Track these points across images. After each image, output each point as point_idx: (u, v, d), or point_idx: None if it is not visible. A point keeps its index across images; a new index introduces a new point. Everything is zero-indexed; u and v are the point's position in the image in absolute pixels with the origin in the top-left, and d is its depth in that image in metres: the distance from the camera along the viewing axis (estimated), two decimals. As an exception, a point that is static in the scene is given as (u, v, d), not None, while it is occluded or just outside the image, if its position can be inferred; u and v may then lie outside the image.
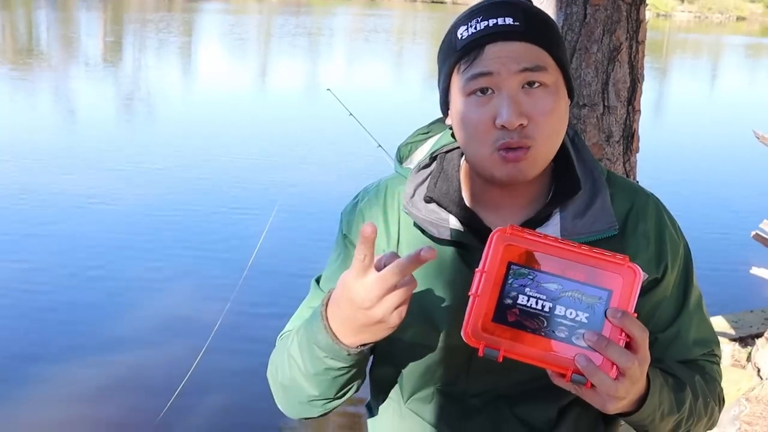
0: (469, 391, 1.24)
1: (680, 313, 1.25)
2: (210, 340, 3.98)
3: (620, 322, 0.93)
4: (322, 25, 33.95)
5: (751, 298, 5.33)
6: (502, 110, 1.11)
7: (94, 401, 4.11)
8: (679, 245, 1.26)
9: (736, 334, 4.51)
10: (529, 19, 1.14)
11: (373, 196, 1.31)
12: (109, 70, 17.39)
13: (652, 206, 1.26)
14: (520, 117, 1.11)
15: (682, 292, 1.26)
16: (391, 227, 1.27)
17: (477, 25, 1.14)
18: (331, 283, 1.28)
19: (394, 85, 17.33)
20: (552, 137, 1.16)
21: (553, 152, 1.18)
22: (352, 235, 1.29)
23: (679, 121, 14.63)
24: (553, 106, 1.14)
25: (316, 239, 6.41)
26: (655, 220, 1.25)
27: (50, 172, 8.22)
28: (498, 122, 1.12)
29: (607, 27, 2.56)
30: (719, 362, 1.31)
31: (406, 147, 1.33)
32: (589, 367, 0.93)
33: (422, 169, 1.27)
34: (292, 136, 11.00)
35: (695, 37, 39.92)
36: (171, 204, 7.46)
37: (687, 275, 1.27)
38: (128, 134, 10.84)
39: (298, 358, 1.18)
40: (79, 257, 6.03)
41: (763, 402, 3.87)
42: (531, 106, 1.12)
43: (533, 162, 1.15)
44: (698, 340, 1.26)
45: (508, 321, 0.95)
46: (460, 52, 1.15)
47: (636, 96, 2.66)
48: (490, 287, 0.96)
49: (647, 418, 1.10)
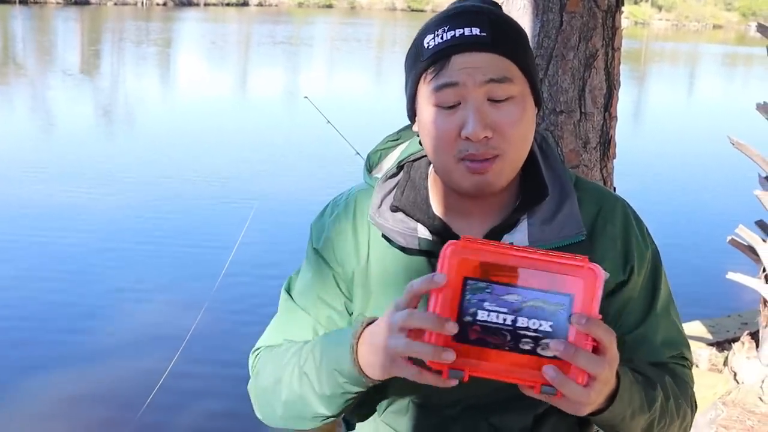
0: (444, 402, 1.22)
1: (647, 316, 1.24)
2: (182, 348, 3.95)
3: (586, 328, 0.90)
4: (301, 34, 33.96)
5: (728, 303, 5.37)
6: (467, 122, 1.11)
7: (66, 412, 4.06)
8: (646, 248, 1.26)
9: (713, 338, 4.54)
10: (496, 30, 1.12)
11: (342, 210, 1.29)
12: (86, 79, 17.29)
13: (619, 209, 1.26)
14: (486, 129, 1.11)
15: (650, 294, 1.25)
16: (360, 241, 1.26)
17: (444, 35, 1.12)
18: (305, 298, 1.29)
19: (373, 93, 17.37)
20: (519, 147, 1.16)
21: (520, 161, 1.18)
22: (323, 249, 1.28)
23: (656, 128, 14.77)
24: (519, 117, 1.13)
25: (293, 248, 6.39)
26: (622, 223, 1.25)
27: (23, 182, 8.15)
28: (463, 134, 1.11)
29: (583, 34, 2.57)
30: (690, 366, 1.30)
31: (375, 154, 1.32)
32: (557, 378, 0.90)
33: (390, 179, 1.26)
34: (269, 145, 10.99)
35: (672, 46, 40.31)
36: (146, 212, 7.41)
37: (655, 278, 1.26)
38: (103, 143, 10.78)
39: (314, 378, 1.16)
40: (50, 268, 5.96)
41: (739, 406, 3.90)
42: (497, 117, 1.12)
43: (499, 173, 1.14)
44: (667, 341, 1.25)
45: (470, 339, 0.92)
46: (427, 61, 1.14)
47: (612, 102, 2.68)
48: (447, 306, 0.92)
49: (617, 417, 1.07)
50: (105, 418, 4.04)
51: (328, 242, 1.27)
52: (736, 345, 4.16)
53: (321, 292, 1.27)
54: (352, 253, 1.26)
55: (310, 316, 1.27)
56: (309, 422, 1.24)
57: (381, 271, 1.23)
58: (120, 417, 3.99)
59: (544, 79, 2.56)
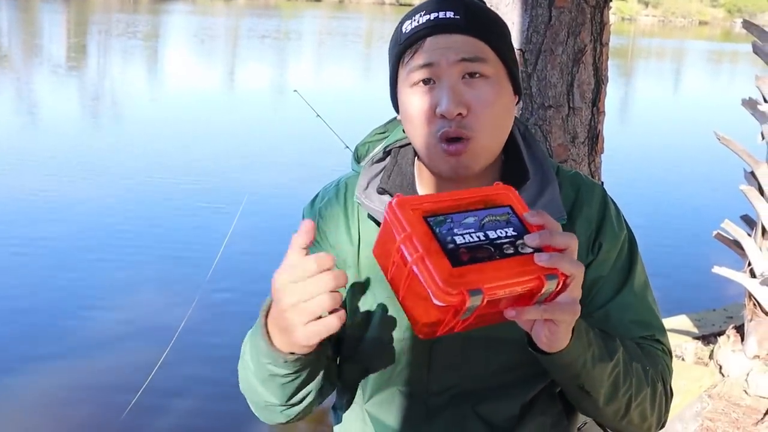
0: (431, 390, 1.24)
1: (617, 294, 1.24)
2: (173, 341, 3.94)
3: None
4: (289, 28, 33.85)
5: (714, 297, 5.40)
6: (441, 99, 1.14)
7: (55, 406, 4.04)
8: (620, 230, 1.27)
9: (699, 332, 4.58)
10: (471, 14, 1.16)
11: (333, 195, 1.32)
12: (73, 71, 17.17)
13: (597, 193, 1.28)
14: (459, 106, 1.13)
15: (623, 276, 1.25)
16: (351, 226, 1.28)
17: (419, 19, 1.17)
18: None
19: (362, 87, 17.35)
20: (493, 129, 1.17)
21: (496, 145, 1.20)
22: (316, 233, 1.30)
23: (643, 124, 14.83)
24: (493, 98, 1.16)
25: (283, 240, 6.36)
26: (599, 204, 1.27)
27: (11, 175, 8.10)
28: (438, 111, 1.14)
29: (572, 29, 2.59)
30: (666, 352, 1.28)
31: (363, 146, 1.34)
32: (552, 258, 0.93)
33: (376, 163, 1.29)
34: (259, 138, 10.97)
35: (659, 42, 40.44)
36: (135, 206, 7.38)
37: (630, 262, 1.27)
38: (91, 136, 10.71)
39: (250, 362, 1.17)
40: (39, 260, 5.93)
41: (724, 399, 3.94)
42: (471, 96, 1.14)
43: (474, 155, 1.16)
44: (637, 321, 1.25)
45: (464, 261, 0.92)
46: (403, 45, 1.18)
47: (600, 97, 2.70)
48: (427, 242, 0.92)
49: (578, 359, 1.08)
50: (96, 410, 4.02)
51: (321, 226, 1.30)
52: (722, 338, 4.20)
53: None
54: (344, 235, 1.28)
55: None
56: (268, 412, 1.23)
57: (370, 252, 1.25)
58: (110, 410, 3.97)
59: (533, 74, 2.57)
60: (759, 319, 4.07)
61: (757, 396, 3.94)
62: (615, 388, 1.14)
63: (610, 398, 1.14)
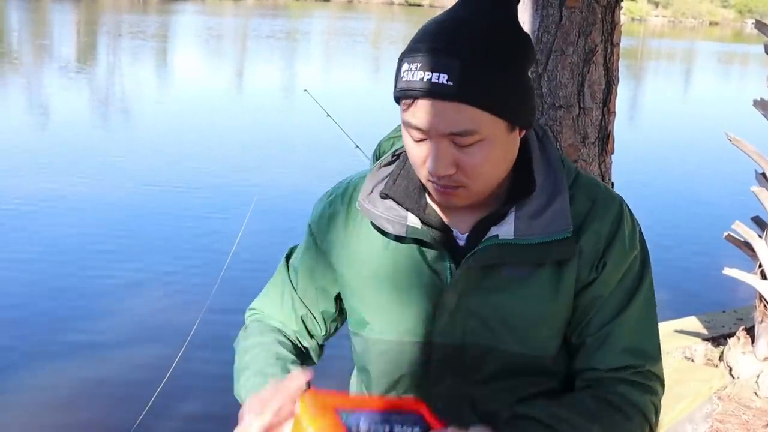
0: (431, 394, 1.23)
1: (616, 318, 1.20)
2: (187, 344, 3.94)
3: None
4: (299, 28, 33.88)
5: (724, 298, 5.38)
6: (429, 159, 1.13)
7: (68, 407, 4.05)
8: (630, 250, 1.22)
9: (709, 333, 4.56)
10: (466, 76, 1.08)
11: (340, 193, 1.33)
12: (83, 70, 17.24)
13: (613, 208, 1.23)
14: (448, 168, 1.12)
15: (625, 298, 1.21)
16: (352, 227, 1.29)
17: (414, 74, 1.10)
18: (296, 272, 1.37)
19: (372, 87, 17.35)
20: (485, 179, 1.16)
21: (490, 187, 1.18)
22: (315, 228, 1.34)
23: (654, 124, 14.79)
24: (485, 158, 1.13)
25: (294, 240, 6.37)
26: (611, 222, 1.21)
27: (21, 174, 8.13)
28: (427, 167, 1.13)
29: (583, 29, 2.58)
30: (656, 381, 1.23)
31: (388, 141, 1.34)
32: None
33: (384, 167, 1.27)
34: (269, 138, 10.98)
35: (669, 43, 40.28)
36: (146, 206, 7.41)
37: (637, 282, 1.22)
38: (102, 135, 10.75)
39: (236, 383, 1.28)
40: (51, 260, 5.96)
41: (734, 400, 3.92)
42: (461, 158, 1.12)
43: (466, 197, 1.17)
44: (630, 348, 1.21)
45: None
46: (398, 92, 1.14)
47: (611, 98, 2.69)
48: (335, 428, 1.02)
49: None
50: (110, 410, 4.03)
51: (322, 223, 1.32)
52: (732, 340, 4.18)
53: (311, 269, 1.33)
54: (344, 235, 1.29)
55: (296, 292, 1.35)
56: None
57: (370, 252, 1.26)
58: (125, 411, 3.95)
59: (543, 74, 2.57)
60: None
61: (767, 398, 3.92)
62: None
63: None
